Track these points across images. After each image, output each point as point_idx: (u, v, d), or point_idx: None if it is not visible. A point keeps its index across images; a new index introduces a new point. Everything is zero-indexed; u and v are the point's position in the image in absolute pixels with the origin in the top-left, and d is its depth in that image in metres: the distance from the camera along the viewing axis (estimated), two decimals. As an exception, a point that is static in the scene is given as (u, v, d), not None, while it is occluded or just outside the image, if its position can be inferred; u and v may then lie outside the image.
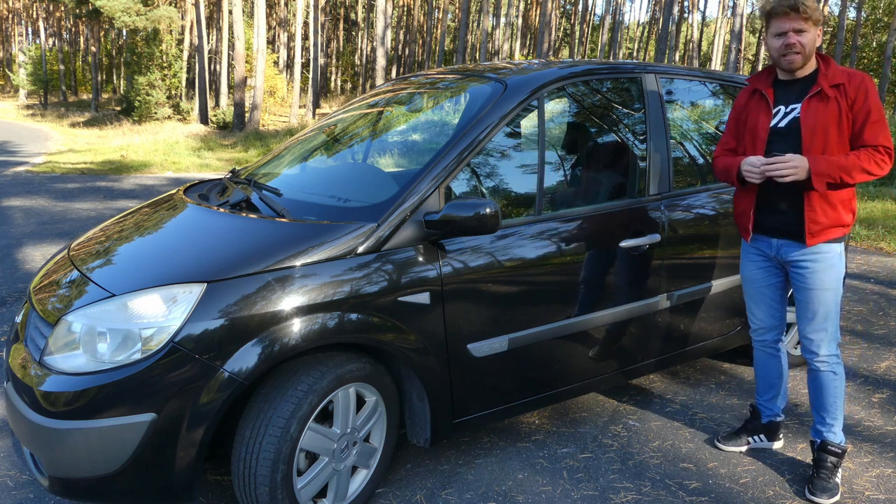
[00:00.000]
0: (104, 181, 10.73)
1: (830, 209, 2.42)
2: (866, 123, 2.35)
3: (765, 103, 2.52)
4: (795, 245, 2.50)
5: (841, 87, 2.37)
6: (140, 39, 27.39)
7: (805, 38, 2.38)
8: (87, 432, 1.89)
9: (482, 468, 2.67)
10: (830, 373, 2.54)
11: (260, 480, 2.05)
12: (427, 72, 3.36)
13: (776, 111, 2.49)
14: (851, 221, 2.48)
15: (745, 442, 2.85)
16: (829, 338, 2.52)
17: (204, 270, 2.03)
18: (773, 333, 2.74)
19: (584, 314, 2.67)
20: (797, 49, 2.39)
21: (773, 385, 2.80)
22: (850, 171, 2.33)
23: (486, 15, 31.76)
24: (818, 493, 2.50)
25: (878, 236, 7.18)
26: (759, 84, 2.57)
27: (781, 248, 2.54)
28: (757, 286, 2.69)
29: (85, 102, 41.57)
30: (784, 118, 2.47)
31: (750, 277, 2.71)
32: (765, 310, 2.71)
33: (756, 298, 2.72)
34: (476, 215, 2.19)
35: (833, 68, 2.42)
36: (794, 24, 2.37)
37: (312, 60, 29.08)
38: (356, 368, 2.20)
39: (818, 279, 2.47)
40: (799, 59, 2.41)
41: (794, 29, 2.37)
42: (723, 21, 36.66)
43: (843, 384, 2.57)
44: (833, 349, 2.53)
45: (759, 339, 2.77)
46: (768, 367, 2.78)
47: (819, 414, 2.61)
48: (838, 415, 2.59)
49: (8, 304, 4.42)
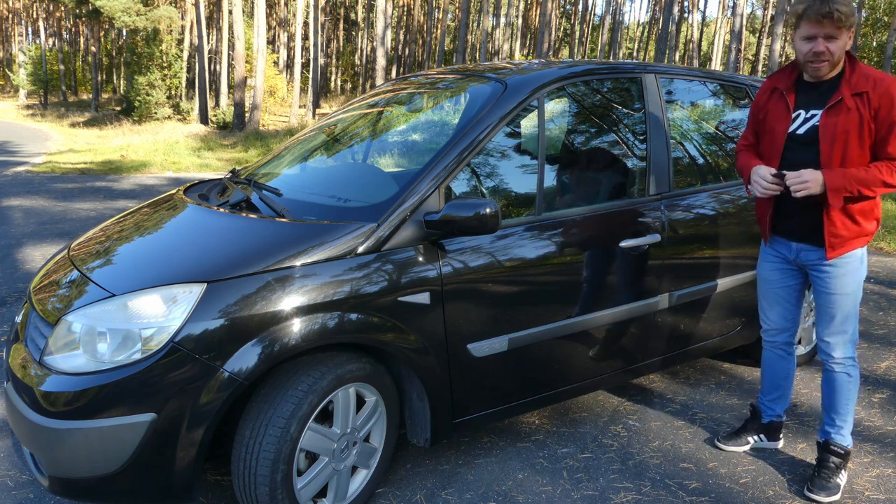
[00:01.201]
0: (104, 181, 10.73)
1: (851, 222, 2.35)
2: (890, 135, 2.24)
3: (784, 106, 2.43)
4: (815, 250, 2.45)
5: (864, 95, 2.25)
6: (140, 39, 27.39)
7: (835, 46, 2.26)
8: (87, 432, 1.89)
9: (482, 468, 2.67)
10: (845, 374, 2.52)
11: (260, 480, 2.05)
12: (427, 72, 3.36)
13: (796, 115, 2.40)
14: (875, 229, 2.42)
15: (746, 442, 2.85)
16: (846, 340, 2.50)
17: (204, 270, 2.03)
18: (785, 335, 2.72)
19: (584, 314, 2.67)
20: (825, 57, 2.28)
21: (778, 386, 2.79)
22: (870, 184, 2.25)
23: (486, 15, 31.76)
24: (816, 490, 2.50)
25: (878, 236, 7.18)
26: (780, 84, 2.47)
27: (801, 251, 2.50)
28: (772, 287, 2.66)
29: (85, 102, 41.56)
30: (804, 124, 2.38)
31: (766, 278, 2.68)
32: (779, 311, 2.68)
33: (770, 299, 2.69)
34: (476, 215, 2.19)
35: (858, 72, 2.30)
36: (826, 31, 2.25)
37: (312, 60, 29.08)
38: (356, 368, 2.20)
39: (838, 284, 2.43)
40: (826, 66, 2.30)
41: (826, 35, 2.25)
42: (723, 21, 36.66)
43: (856, 387, 2.55)
44: (849, 352, 2.51)
45: (770, 340, 2.75)
46: (776, 367, 2.77)
47: (829, 415, 2.60)
48: (848, 417, 2.57)
49: (8, 304, 4.42)
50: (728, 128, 3.46)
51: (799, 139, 2.39)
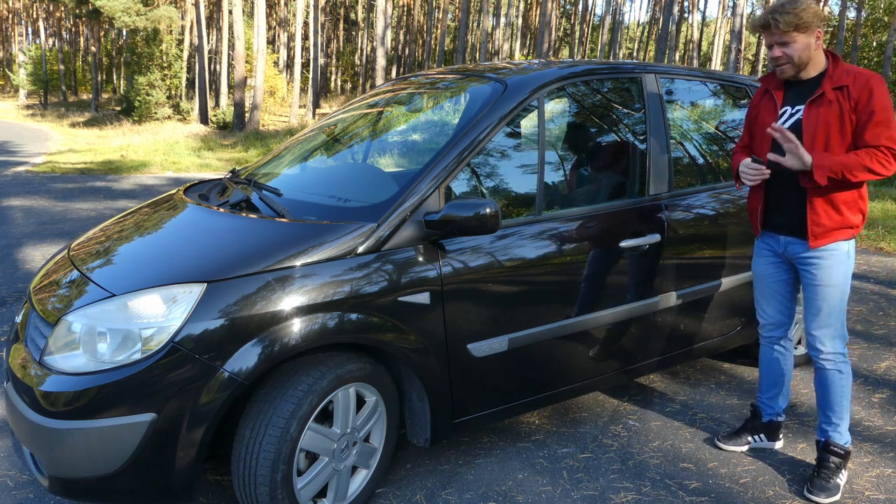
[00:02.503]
0: (104, 181, 10.73)
1: (834, 212, 2.43)
2: (868, 124, 2.34)
3: (773, 104, 2.56)
4: (801, 243, 2.52)
5: (844, 88, 2.37)
6: (140, 39, 27.39)
7: (792, 49, 2.40)
8: (87, 432, 1.89)
9: (482, 468, 2.67)
10: (836, 371, 2.54)
11: (260, 480, 2.05)
12: (427, 72, 3.36)
13: (782, 112, 2.52)
14: (860, 223, 2.48)
15: (746, 442, 2.85)
16: (834, 334, 2.53)
17: (204, 270, 2.03)
18: (781, 330, 2.75)
19: (584, 314, 2.67)
20: (784, 60, 2.43)
21: (776, 383, 2.80)
22: (852, 168, 2.33)
23: (486, 15, 31.76)
24: (816, 491, 2.50)
25: (879, 236, 7.18)
26: (769, 84, 2.60)
27: (788, 245, 2.57)
28: (767, 282, 2.72)
29: (85, 102, 41.56)
30: (789, 119, 2.50)
31: (761, 273, 2.73)
32: (774, 305, 2.73)
33: (766, 294, 2.74)
34: (476, 215, 2.19)
35: (840, 69, 2.42)
36: (775, 38, 2.41)
37: (312, 60, 29.08)
38: (356, 368, 2.20)
39: (823, 275, 2.48)
40: (788, 68, 2.45)
41: (777, 42, 2.42)
42: (723, 21, 36.66)
43: (849, 384, 2.57)
44: (838, 347, 2.54)
45: (767, 336, 2.79)
46: (773, 364, 2.79)
47: (825, 413, 2.61)
48: (844, 415, 2.58)
49: (8, 304, 4.42)
50: (728, 128, 3.46)
51: None
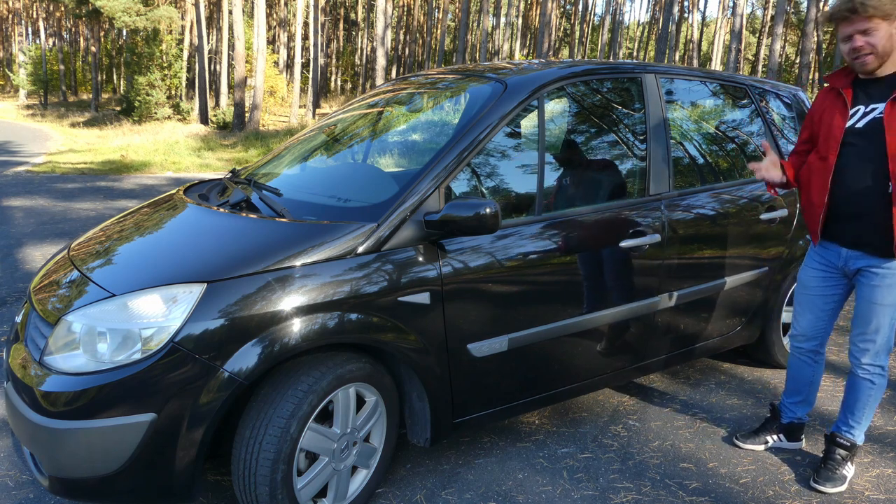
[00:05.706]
0: (104, 181, 10.73)
1: None
2: None
3: (841, 102, 2.41)
4: (865, 257, 2.41)
5: None
6: (140, 39, 27.38)
7: (875, 38, 2.23)
8: (88, 432, 1.89)
9: (482, 468, 2.67)
10: (869, 381, 2.50)
11: (260, 480, 2.05)
12: (427, 72, 3.36)
13: (854, 111, 2.37)
14: None
15: (764, 441, 2.83)
16: (877, 349, 2.46)
17: (204, 270, 2.03)
18: (813, 343, 2.67)
19: (584, 314, 2.67)
20: (867, 51, 2.26)
21: (800, 391, 2.76)
22: None
23: (486, 15, 31.76)
24: (822, 481, 2.51)
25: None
26: (837, 83, 2.45)
27: (850, 258, 2.45)
28: (809, 294, 2.62)
29: (85, 102, 41.57)
30: (862, 118, 2.34)
31: (805, 283, 2.63)
32: (809, 319, 2.64)
33: (805, 305, 2.64)
34: (476, 215, 2.19)
35: None
36: (858, 26, 2.24)
37: (312, 60, 29.09)
38: (356, 368, 2.20)
39: (881, 294, 2.39)
40: (871, 59, 2.27)
41: (859, 31, 2.25)
42: (723, 21, 36.67)
43: (879, 395, 2.52)
44: (879, 360, 2.48)
45: (797, 346, 2.71)
46: (800, 373, 2.73)
47: (845, 413, 2.60)
48: (864, 420, 2.57)
49: (8, 304, 4.42)
50: (728, 128, 3.46)
51: (857, 132, 2.35)
